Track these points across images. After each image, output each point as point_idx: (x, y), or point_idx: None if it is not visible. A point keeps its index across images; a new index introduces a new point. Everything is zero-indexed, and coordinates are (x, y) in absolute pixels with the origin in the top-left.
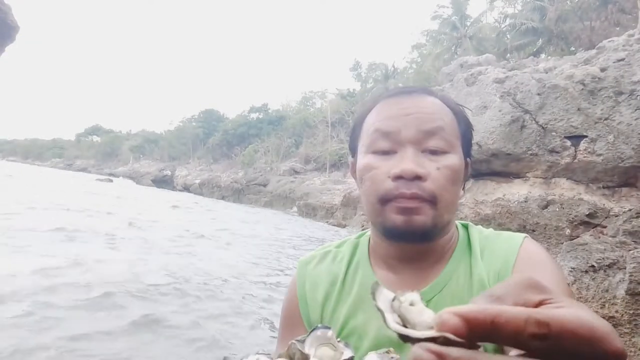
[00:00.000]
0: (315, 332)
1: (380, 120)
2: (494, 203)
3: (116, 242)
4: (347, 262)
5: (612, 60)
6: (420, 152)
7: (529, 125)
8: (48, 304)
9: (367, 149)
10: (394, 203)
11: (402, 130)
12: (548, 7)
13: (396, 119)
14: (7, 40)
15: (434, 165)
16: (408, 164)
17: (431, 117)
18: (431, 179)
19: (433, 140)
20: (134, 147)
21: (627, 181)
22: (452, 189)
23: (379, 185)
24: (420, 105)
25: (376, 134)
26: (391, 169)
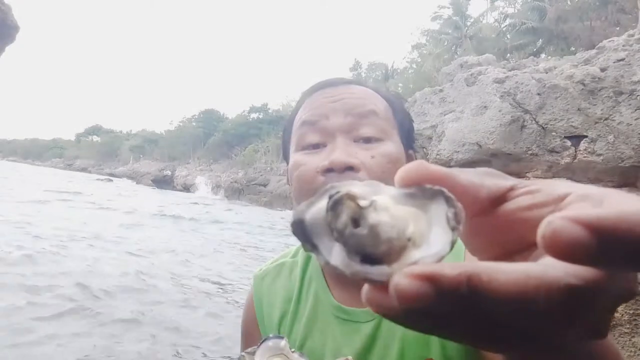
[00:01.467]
0: (267, 343)
1: (306, 112)
2: None
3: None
4: (300, 276)
5: (612, 60)
6: (353, 142)
7: (529, 125)
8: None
9: (295, 147)
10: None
11: (329, 116)
12: (548, 7)
13: (322, 107)
14: (7, 40)
15: (368, 154)
16: (337, 155)
17: (361, 101)
18: (366, 169)
19: (365, 127)
20: (134, 147)
21: (627, 181)
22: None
23: (308, 182)
24: (349, 92)
25: (303, 127)
26: (320, 163)
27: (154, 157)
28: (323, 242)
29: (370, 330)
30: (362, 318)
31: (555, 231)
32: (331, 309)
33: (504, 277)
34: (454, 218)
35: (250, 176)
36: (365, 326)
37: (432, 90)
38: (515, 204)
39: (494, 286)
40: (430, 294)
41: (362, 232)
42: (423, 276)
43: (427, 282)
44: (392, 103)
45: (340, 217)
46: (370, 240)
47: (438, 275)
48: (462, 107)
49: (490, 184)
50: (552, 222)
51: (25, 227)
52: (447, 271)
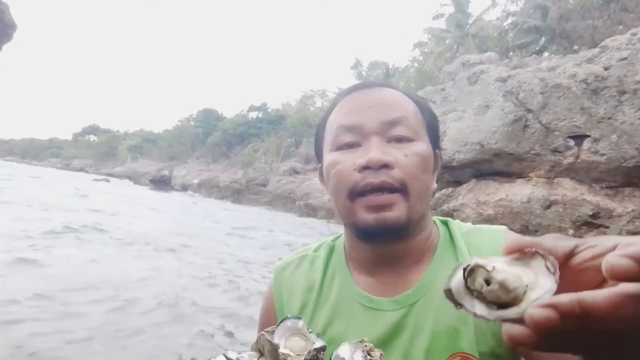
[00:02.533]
0: (285, 323)
1: (342, 115)
2: (497, 203)
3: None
4: (323, 268)
5: (615, 59)
6: (386, 142)
7: (532, 125)
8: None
9: (331, 146)
10: (363, 199)
11: (364, 122)
12: (550, 5)
13: (358, 112)
14: (5, 38)
15: (401, 153)
16: (374, 153)
17: (393, 106)
18: (399, 166)
19: (397, 129)
20: (131, 147)
21: (631, 181)
22: (423, 177)
23: (345, 179)
24: (381, 97)
25: (339, 130)
26: (357, 160)
27: (152, 157)
28: (466, 301)
29: (397, 319)
30: (388, 307)
31: (613, 265)
32: (357, 297)
33: (601, 296)
34: (552, 266)
35: (250, 176)
36: (391, 314)
37: (433, 89)
38: (581, 258)
39: (597, 304)
40: (555, 317)
41: (494, 287)
42: (548, 305)
43: (552, 309)
44: (420, 105)
45: (477, 280)
46: (501, 292)
47: (557, 302)
48: (464, 106)
49: (562, 245)
50: (608, 260)
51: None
52: (563, 299)
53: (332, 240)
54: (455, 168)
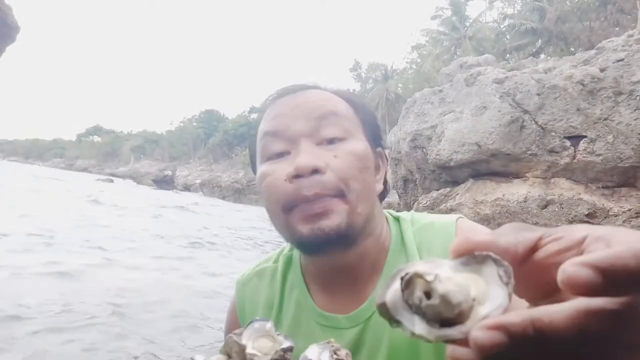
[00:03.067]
0: (253, 325)
1: (267, 122)
2: (494, 203)
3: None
4: (281, 282)
5: (611, 60)
6: (316, 145)
7: (529, 126)
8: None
9: (260, 158)
10: (297, 210)
11: (289, 124)
12: (547, 7)
13: (283, 116)
14: (8, 40)
15: (331, 154)
16: (301, 159)
17: (320, 104)
18: (331, 169)
19: (327, 129)
20: (134, 147)
21: (627, 181)
22: (361, 177)
23: (277, 191)
24: (306, 97)
25: (266, 138)
26: (286, 170)
27: (155, 157)
28: (404, 317)
29: (354, 336)
30: (344, 324)
31: (570, 276)
32: (314, 315)
33: (560, 315)
34: (505, 275)
35: (251, 176)
36: (348, 332)
37: (431, 90)
38: (545, 252)
39: (555, 324)
40: (503, 340)
41: (435, 302)
42: (495, 326)
43: (499, 330)
44: (353, 103)
45: (415, 293)
46: (444, 307)
47: (507, 323)
48: (461, 107)
49: (523, 239)
50: (565, 270)
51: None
52: (514, 319)
53: (290, 250)
54: (452, 168)
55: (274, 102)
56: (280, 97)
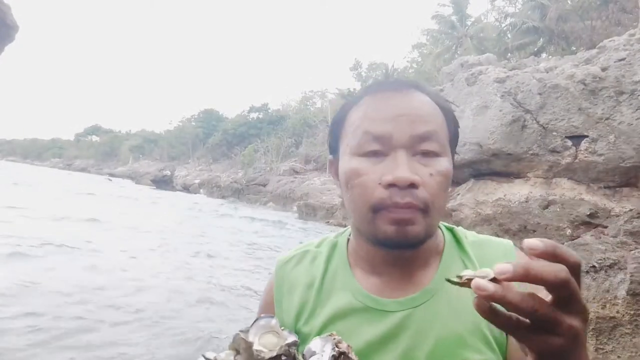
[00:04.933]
0: (259, 322)
1: (369, 121)
2: (495, 203)
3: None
4: (324, 265)
5: (613, 59)
6: (412, 156)
7: (530, 125)
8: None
9: (352, 150)
10: (386, 212)
11: (393, 134)
12: (548, 5)
13: (387, 122)
14: (7, 40)
15: (427, 171)
16: (402, 172)
17: (424, 118)
18: (424, 185)
19: (427, 144)
20: (133, 147)
21: (628, 181)
22: (444, 195)
23: (369, 193)
24: (412, 106)
25: (365, 137)
26: (383, 175)
27: (154, 157)
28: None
29: (399, 319)
30: (391, 307)
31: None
32: (360, 296)
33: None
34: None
35: (250, 176)
36: (394, 315)
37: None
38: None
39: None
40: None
41: None
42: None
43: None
44: (447, 114)
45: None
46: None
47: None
48: (462, 106)
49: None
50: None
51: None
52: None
53: (335, 237)
54: (454, 168)
55: (375, 95)
56: (382, 92)
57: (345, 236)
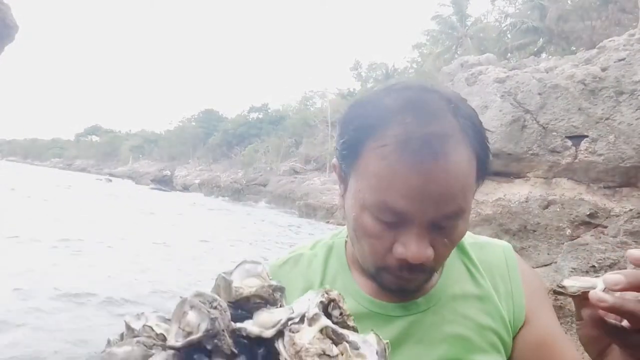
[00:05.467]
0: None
1: (389, 191)
2: (495, 203)
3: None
4: (322, 268)
5: (612, 59)
6: (431, 229)
7: (530, 125)
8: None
9: (366, 206)
10: (391, 274)
11: (415, 214)
12: (547, 5)
13: (412, 200)
14: (6, 40)
15: (443, 243)
16: (417, 252)
17: (454, 197)
18: (436, 257)
19: (449, 220)
20: (133, 147)
21: (628, 181)
22: (452, 250)
23: (378, 256)
24: (443, 182)
25: (383, 206)
26: (396, 245)
27: (154, 157)
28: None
29: (406, 325)
30: (397, 312)
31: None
32: (362, 300)
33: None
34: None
35: (250, 176)
36: (400, 320)
37: None
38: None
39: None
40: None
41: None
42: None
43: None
44: (480, 158)
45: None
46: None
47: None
48: None
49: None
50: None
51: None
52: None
53: (330, 239)
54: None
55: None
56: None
57: (341, 237)
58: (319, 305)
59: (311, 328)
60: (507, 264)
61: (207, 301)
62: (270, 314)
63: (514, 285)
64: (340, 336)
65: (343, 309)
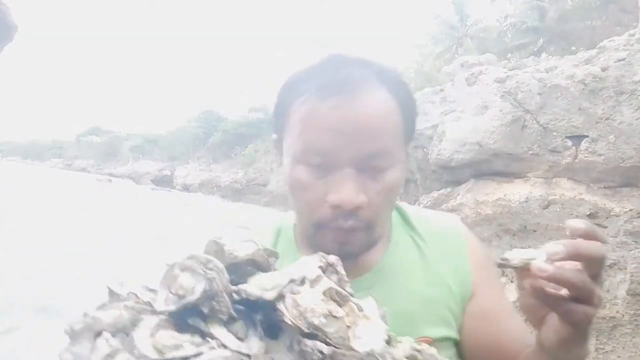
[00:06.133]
0: (234, 230)
1: (312, 131)
2: (495, 203)
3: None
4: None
5: (613, 59)
6: (360, 171)
7: (530, 125)
8: None
9: (295, 156)
10: (328, 231)
11: (339, 152)
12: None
13: (332, 136)
14: (6, 40)
15: (375, 189)
16: (348, 194)
17: (376, 134)
18: (370, 204)
19: (375, 160)
20: (133, 147)
21: (629, 181)
22: (390, 206)
23: (313, 209)
24: (363, 119)
25: (307, 148)
26: (328, 194)
27: (154, 157)
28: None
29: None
30: None
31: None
32: None
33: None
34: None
35: (250, 176)
36: None
37: (432, 90)
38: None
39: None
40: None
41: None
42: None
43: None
44: (404, 107)
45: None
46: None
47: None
48: (462, 106)
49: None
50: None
51: None
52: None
53: (280, 222)
54: (454, 168)
55: (321, 97)
56: (329, 95)
57: (289, 220)
58: (318, 270)
59: (314, 289)
60: (455, 238)
61: (201, 262)
62: (268, 277)
63: (461, 258)
64: (345, 297)
65: (341, 274)
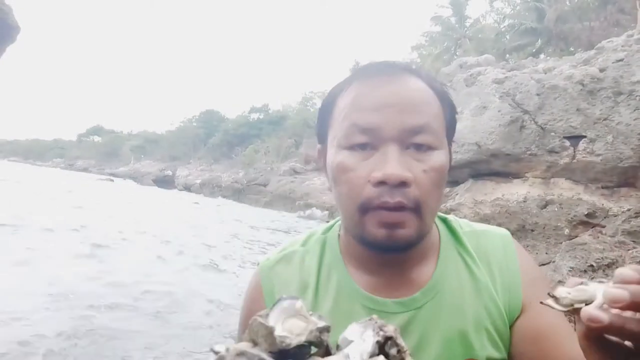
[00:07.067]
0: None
1: (356, 111)
2: (493, 203)
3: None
4: (317, 265)
5: (611, 60)
6: (404, 149)
7: (528, 126)
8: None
9: (340, 142)
10: (375, 214)
11: (382, 126)
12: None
13: (375, 112)
14: (8, 40)
15: (420, 167)
16: (392, 168)
17: (417, 109)
18: (417, 183)
19: (419, 137)
20: (135, 147)
21: (626, 181)
22: (438, 193)
23: (357, 191)
24: (404, 94)
25: (351, 129)
26: (372, 172)
27: (155, 157)
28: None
29: (403, 322)
30: (393, 309)
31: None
32: (358, 297)
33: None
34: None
35: (251, 176)
36: (396, 317)
37: None
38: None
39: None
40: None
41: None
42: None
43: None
44: (443, 100)
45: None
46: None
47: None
48: (461, 107)
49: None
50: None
51: None
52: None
53: (322, 233)
54: (453, 168)
55: (364, 81)
56: (370, 78)
57: (334, 232)
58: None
59: None
60: (504, 252)
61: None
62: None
63: (512, 275)
64: None
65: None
